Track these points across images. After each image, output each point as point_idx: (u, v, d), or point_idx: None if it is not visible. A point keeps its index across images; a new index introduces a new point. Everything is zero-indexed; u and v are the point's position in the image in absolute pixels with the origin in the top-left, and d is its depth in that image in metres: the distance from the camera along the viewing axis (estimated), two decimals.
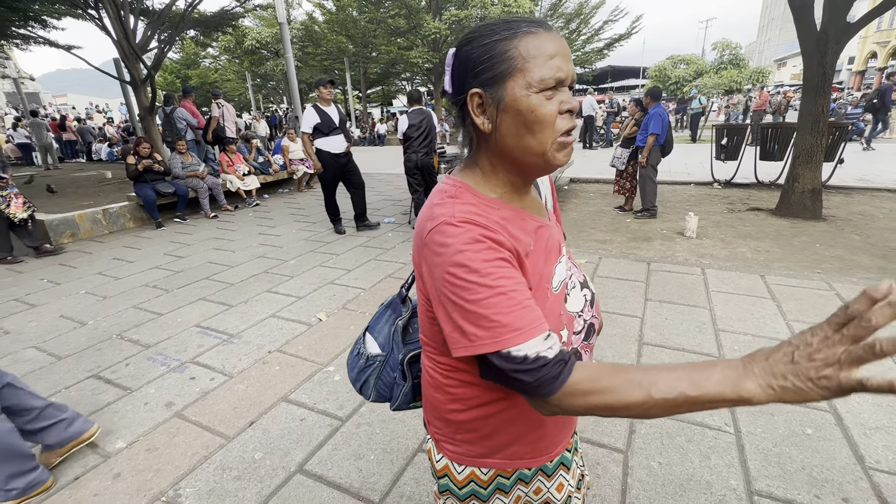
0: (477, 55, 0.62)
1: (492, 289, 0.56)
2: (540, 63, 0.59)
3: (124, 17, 7.91)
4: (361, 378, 0.93)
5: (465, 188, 0.66)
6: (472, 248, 0.58)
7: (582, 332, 0.77)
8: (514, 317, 0.56)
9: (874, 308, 0.40)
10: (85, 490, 1.77)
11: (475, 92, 0.63)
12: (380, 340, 0.93)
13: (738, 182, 7.08)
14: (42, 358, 2.79)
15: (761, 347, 0.49)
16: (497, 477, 0.79)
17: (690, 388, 0.49)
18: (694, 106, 14.10)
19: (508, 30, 0.61)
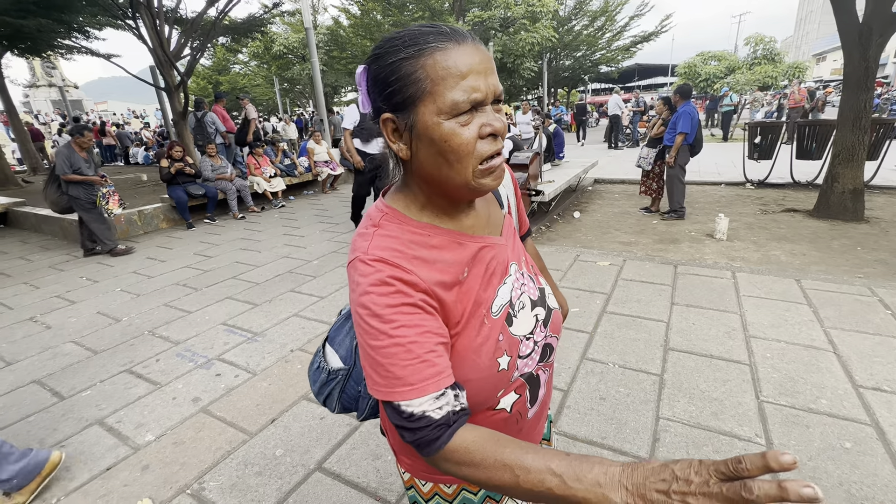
0: (384, 75, 0.56)
1: (391, 338, 0.54)
2: (451, 85, 0.53)
3: (160, 25, 8.24)
4: (325, 392, 0.88)
5: (393, 214, 0.63)
6: (378, 291, 0.55)
7: (532, 354, 0.71)
8: (409, 371, 0.54)
9: (762, 478, 0.37)
10: (116, 480, 1.84)
11: (386, 117, 0.58)
12: (341, 353, 0.87)
13: (773, 182, 6.79)
14: (80, 352, 2.92)
15: (647, 460, 0.46)
16: (462, 491, 0.77)
17: (559, 486, 0.47)
18: (725, 103, 13.62)
19: (415, 46, 0.54)
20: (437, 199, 0.63)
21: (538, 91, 26.18)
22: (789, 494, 0.35)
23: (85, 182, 4.88)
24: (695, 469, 0.41)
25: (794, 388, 2.16)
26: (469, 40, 0.55)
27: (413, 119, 0.55)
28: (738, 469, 0.38)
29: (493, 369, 0.64)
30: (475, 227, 0.68)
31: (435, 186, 0.61)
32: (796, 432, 1.88)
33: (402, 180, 0.66)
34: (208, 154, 6.64)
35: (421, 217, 0.63)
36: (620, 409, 2.08)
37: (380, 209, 0.65)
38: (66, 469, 1.91)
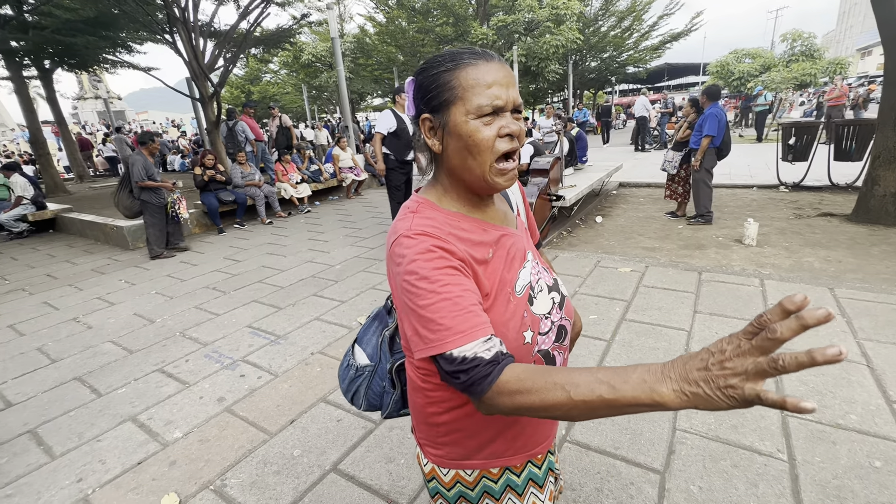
0: (427, 84, 0.69)
1: (439, 294, 0.61)
2: (478, 92, 0.65)
3: (195, 39, 8.64)
4: (352, 388, 0.97)
5: (427, 203, 0.73)
6: (424, 258, 0.63)
7: (550, 333, 0.78)
8: (458, 320, 0.60)
9: (784, 321, 0.40)
10: (145, 474, 1.95)
11: (425, 117, 0.70)
12: (368, 351, 0.96)
13: (809, 185, 6.50)
14: (117, 351, 3.10)
15: (684, 353, 0.48)
16: (482, 479, 0.81)
17: (608, 391, 0.49)
18: (759, 102, 13.13)
19: (452, 61, 0.67)
20: (463, 191, 0.74)
21: (563, 94, 25.90)
22: (806, 320, 0.39)
23: (156, 188, 5.24)
24: (726, 341, 0.45)
25: (822, 402, 2.07)
26: (496, 60, 0.68)
27: (446, 119, 0.68)
28: (760, 322, 0.42)
29: (519, 341, 0.72)
30: (495, 220, 0.78)
31: (460, 177, 0.72)
32: (822, 448, 1.80)
33: (434, 176, 0.77)
34: (238, 161, 6.90)
35: (450, 207, 0.74)
36: (636, 420, 2.05)
37: (415, 200, 0.75)
38: (102, 462, 2.04)
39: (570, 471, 1.79)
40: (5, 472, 2.02)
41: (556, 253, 4.48)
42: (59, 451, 2.13)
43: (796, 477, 1.68)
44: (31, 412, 2.47)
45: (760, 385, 0.41)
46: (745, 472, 1.72)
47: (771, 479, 1.68)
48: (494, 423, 0.77)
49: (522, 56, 17.59)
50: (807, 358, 0.38)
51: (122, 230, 5.93)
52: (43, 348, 3.24)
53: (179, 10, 8.29)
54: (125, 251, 5.87)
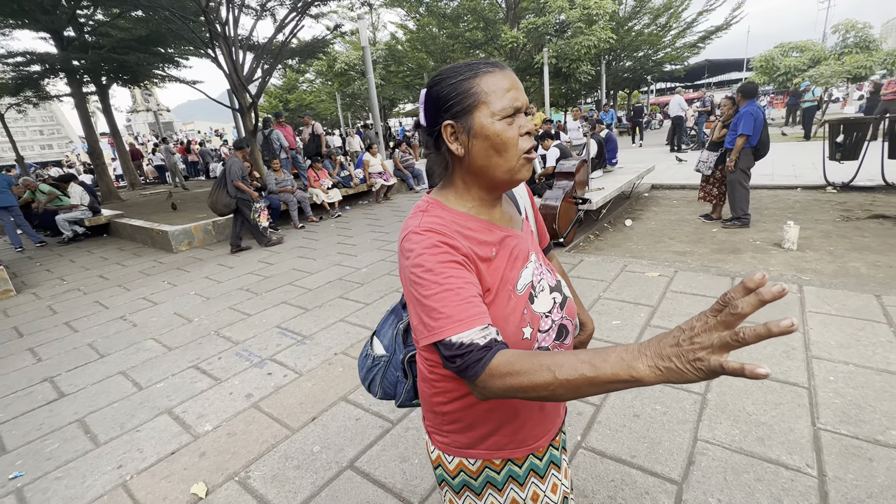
0: (446, 93, 0.73)
1: (441, 285, 0.65)
2: (499, 96, 0.71)
3: (234, 53, 9.09)
4: (369, 377, 1.04)
5: (436, 204, 0.77)
6: (430, 252, 0.68)
7: (550, 331, 0.81)
8: (458, 309, 0.64)
9: (745, 297, 0.43)
10: (177, 464, 2.07)
11: (448, 123, 0.73)
12: (384, 343, 1.03)
13: (859, 185, 6.09)
14: (158, 348, 3.31)
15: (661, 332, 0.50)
16: (485, 469, 0.84)
17: (590, 369, 0.53)
18: (807, 98, 12.41)
19: (470, 71, 0.72)
20: (477, 191, 0.78)
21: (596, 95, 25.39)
22: (763, 296, 0.42)
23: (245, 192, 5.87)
24: (695, 319, 0.48)
25: (860, 416, 1.95)
26: (507, 69, 0.74)
27: (470, 122, 0.72)
28: (725, 300, 0.45)
29: (517, 336, 0.75)
30: (501, 221, 0.82)
31: (481, 178, 0.76)
32: (856, 465, 1.70)
33: (447, 179, 0.81)
34: (273, 168, 7.19)
35: (459, 208, 0.78)
36: (655, 428, 2.00)
37: (426, 201, 0.80)
38: (140, 451, 2.19)
39: (584, 477, 1.77)
40: (56, 456, 2.21)
41: (582, 257, 4.41)
42: (103, 440, 2.30)
43: (826, 494, 1.59)
44: (80, 402, 2.68)
45: (725, 356, 0.44)
46: (770, 487, 1.64)
47: (797, 494, 1.60)
48: (495, 415, 0.80)
49: (553, 58, 17.40)
50: (764, 330, 0.41)
51: (166, 234, 6.31)
52: (93, 344, 3.50)
53: (221, 25, 8.74)
54: (169, 254, 6.24)
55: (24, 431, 2.44)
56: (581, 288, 3.62)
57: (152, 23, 9.42)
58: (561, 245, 4.84)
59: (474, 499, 0.87)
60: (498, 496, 0.86)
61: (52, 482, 2.03)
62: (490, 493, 0.86)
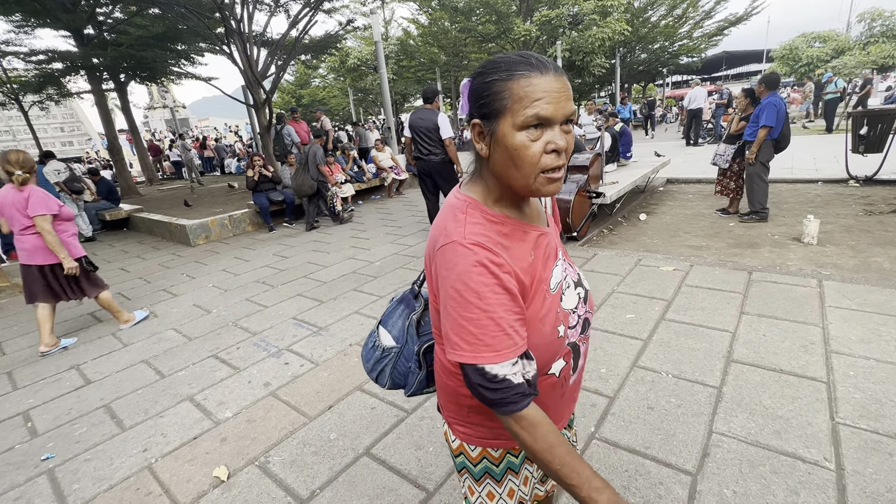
0: (481, 90, 0.70)
1: (485, 312, 0.66)
2: (526, 104, 0.65)
3: (249, 49, 9.19)
4: (377, 368, 1.02)
5: (474, 204, 0.75)
6: (476, 271, 0.66)
7: (577, 326, 0.84)
8: (496, 340, 0.66)
9: None
10: (200, 448, 2.14)
11: (475, 122, 0.71)
12: (394, 333, 1.01)
13: (883, 178, 5.93)
14: (178, 338, 3.40)
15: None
16: (507, 455, 0.87)
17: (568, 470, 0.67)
18: (829, 90, 12.07)
19: (507, 71, 0.66)
20: (506, 191, 0.75)
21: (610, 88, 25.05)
22: None
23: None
24: None
25: (880, 410, 1.92)
26: (551, 71, 0.66)
27: (494, 127, 0.68)
28: None
29: (554, 335, 0.77)
30: (532, 218, 0.80)
31: (503, 182, 0.73)
32: (876, 460, 1.68)
33: (478, 174, 0.79)
34: (288, 163, 7.28)
35: (494, 207, 0.75)
36: (669, 420, 2.00)
37: (461, 199, 0.76)
38: (164, 435, 2.26)
39: (597, 467, 1.79)
40: (84, 439, 2.29)
41: (596, 251, 4.38)
42: (128, 424, 2.38)
43: (844, 487, 1.58)
44: (106, 389, 2.77)
45: None
46: (786, 480, 1.64)
47: (814, 487, 1.59)
48: None
49: (566, 51, 17.20)
50: None
51: (184, 228, 6.44)
52: (117, 334, 3.61)
53: (236, 22, 8.85)
54: (187, 247, 6.37)
55: (54, 416, 2.54)
56: (595, 282, 3.61)
57: (169, 20, 9.58)
58: (574, 239, 4.82)
59: (494, 486, 0.90)
60: (514, 479, 0.90)
61: (81, 464, 2.11)
62: (509, 479, 0.89)
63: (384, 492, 1.78)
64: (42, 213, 3.13)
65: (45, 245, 3.21)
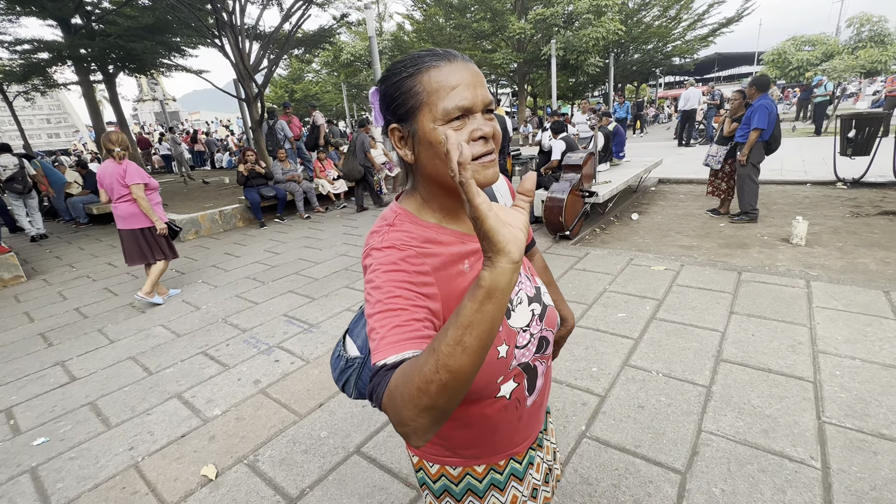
0: (390, 93, 0.65)
1: (385, 305, 0.58)
2: (442, 95, 0.61)
3: (241, 42, 9.07)
4: (343, 378, 0.96)
5: (405, 215, 0.71)
6: (383, 268, 0.62)
7: (529, 345, 0.77)
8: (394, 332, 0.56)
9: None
10: (188, 446, 2.11)
11: (394, 127, 0.67)
12: (358, 343, 0.95)
13: (870, 181, 6.03)
14: (166, 334, 3.35)
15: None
16: (466, 475, 0.83)
17: (454, 316, 0.47)
18: (819, 93, 12.23)
19: (413, 66, 0.63)
20: (442, 199, 0.70)
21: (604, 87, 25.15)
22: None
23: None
24: None
25: (865, 410, 1.95)
26: (459, 59, 0.64)
27: (414, 127, 0.64)
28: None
29: (492, 356, 0.70)
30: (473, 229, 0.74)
31: (437, 185, 0.68)
32: (860, 458, 1.71)
33: (411, 185, 0.74)
34: (279, 158, 7.20)
35: (429, 219, 0.71)
36: (659, 419, 2.01)
37: (394, 210, 0.72)
38: (151, 433, 2.23)
39: (588, 466, 1.79)
40: (69, 437, 2.25)
41: (588, 250, 4.40)
42: (114, 422, 2.34)
43: (829, 486, 1.60)
44: (91, 386, 2.72)
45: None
46: (773, 478, 1.66)
47: (801, 486, 1.61)
48: (474, 431, 0.78)
49: (561, 50, 17.23)
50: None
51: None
52: (103, 330, 3.55)
53: (227, 14, 8.72)
54: (176, 242, 6.27)
55: (38, 413, 2.49)
56: (587, 281, 3.63)
57: (159, 11, 9.40)
58: (567, 238, 4.83)
59: None
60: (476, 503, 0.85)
61: (65, 462, 2.07)
62: (470, 500, 0.84)
63: (375, 490, 1.77)
64: (137, 182, 3.62)
65: (137, 211, 3.70)
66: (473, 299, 0.46)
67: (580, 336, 2.78)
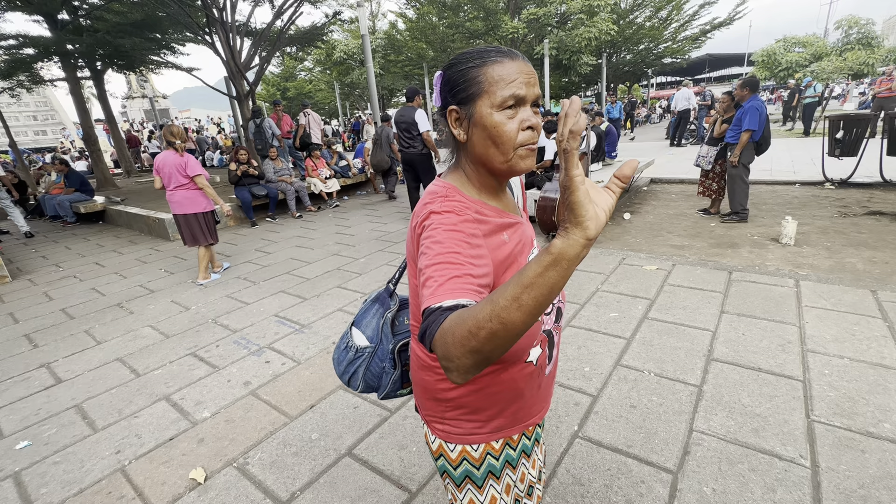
0: (455, 78, 0.74)
1: (443, 256, 0.63)
2: (501, 87, 0.70)
3: (232, 39, 8.97)
4: (350, 370, 1.00)
5: (453, 189, 0.76)
6: (444, 226, 0.67)
7: (552, 313, 0.87)
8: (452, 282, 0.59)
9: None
10: (176, 450, 2.08)
11: (452, 108, 0.75)
12: (367, 333, 0.99)
13: (857, 181, 6.11)
14: (155, 335, 3.30)
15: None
16: (487, 456, 0.86)
17: (518, 275, 0.50)
18: (808, 94, 12.38)
19: (480, 59, 0.72)
20: (485, 178, 0.78)
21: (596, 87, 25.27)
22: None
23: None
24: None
25: (854, 408, 1.97)
26: (520, 58, 0.73)
27: (472, 111, 0.72)
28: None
29: None
30: (509, 208, 0.83)
31: (483, 165, 0.76)
32: (849, 456, 1.72)
33: (456, 163, 0.81)
34: (270, 157, 7.14)
35: (473, 194, 0.77)
36: (651, 419, 2.02)
37: (443, 185, 0.77)
38: (138, 436, 2.19)
39: (581, 466, 1.79)
40: (54, 441, 2.21)
41: None
42: (100, 425, 2.30)
43: (818, 484, 1.62)
44: (77, 388, 2.67)
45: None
46: (763, 477, 1.67)
47: (790, 484, 1.62)
48: (501, 397, 0.82)
49: (553, 49, 17.27)
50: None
51: (163, 222, 6.27)
52: (90, 331, 3.49)
53: (218, 10, 8.62)
54: (166, 242, 6.20)
55: (22, 416, 2.44)
56: (579, 280, 3.63)
57: (148, 6, 9.27)
58: None
59: (475, 493, 0.88)
60: (496, 485, 0.88)
61: (50, 467, 2.03)
62: (490, 485, 0.88)
63: (366, 493, 1.76)
64: (199, 174, 4.07)
65: (191, 197, 4.10)
66: (539, 263, 0.49)
67: (572, 336, 2.78)
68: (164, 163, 3.99)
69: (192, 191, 4.09)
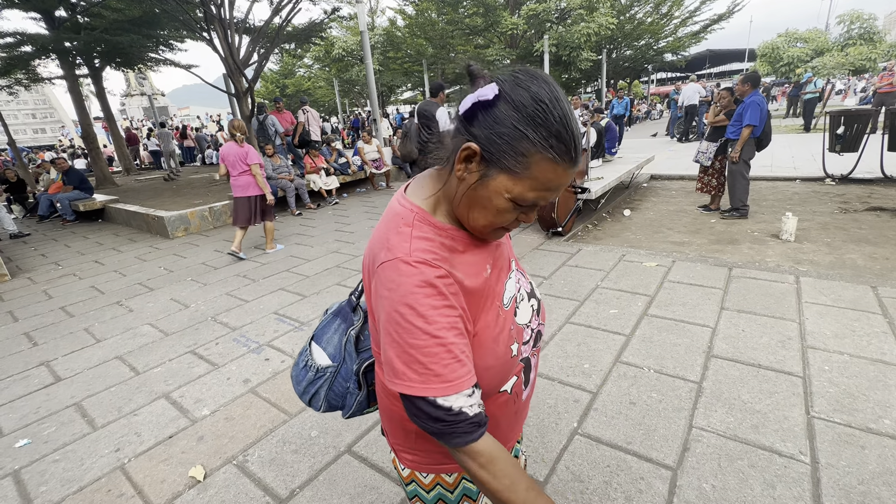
0: (506, 131, 0.58)
1: (434, 338, 0.59)
2: (536, 188, 0.60)
3: (230, 36, 8.93)
4: (311, 391, 0.90)
5: (421, 215, 0.66)
6: (423, 293, 0.59)
7: (531, 340, 0.79)
8: (448, 370, 0.59)
9: None
10: (175, 447, 2.08)
11: (475, 149, 0.60)
12: (329, 350, 0.89)
13: (858, 177, 6.09)
14: (154, 333, 3.30)
15: None
16: (462, 480, 0.82)
17: (540, 495, 0.62)
18: (809, 90, 12.33)
19: (545, 140, 0.57)
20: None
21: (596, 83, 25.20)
22: None
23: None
24: None
25: (853, 405, 1.97)
26: (576, 166, 0.61)
27: (492, 174, 0.60)
28: None
29: (508, 355, 0.72)
30: None
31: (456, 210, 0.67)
32: (849, 453, 1.72)
33: (433, 180, 0.70)
34: (266, 154, 7.12)
35: (444, 220, 0.68)
36: (651, 415, 2.01)
37: (407, 208, 0.67)
38: (137, 434, 2.19)
39: (580, 463, 1.79)
40: (53, 439, 2.21)
41: (580, 246, 4.40)
42: (100, 423, 2.30)
43: (818, 480, 1.62)
44: (77, 387, 2.67)
45: None
46: (763, 473, 1.66)
47: (790, 481, 1.62)
48: None
49: (553, 45, 17.20)
50: None
51: (162, 220, 6.26)
52: (89, 329, 3.49)
53: (216, 7, 8.58)
54: (165, 240, 6.20)
55: (21, 415, 2.44)
56: (579, 277, 3.63)
57: (146, 3, 9.22)
58: (559, 234, 4.83)
59: None
60: None
61: (49, 465, 2.03)
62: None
63: (365, 490, 1.76)
64: (256, 162, 4.68)
65: (252, 183, 4.73)
66: None
67: (572, 332, 2.78)
68: (229, 153, 4.59)
69: (252, 176, 4.69)
